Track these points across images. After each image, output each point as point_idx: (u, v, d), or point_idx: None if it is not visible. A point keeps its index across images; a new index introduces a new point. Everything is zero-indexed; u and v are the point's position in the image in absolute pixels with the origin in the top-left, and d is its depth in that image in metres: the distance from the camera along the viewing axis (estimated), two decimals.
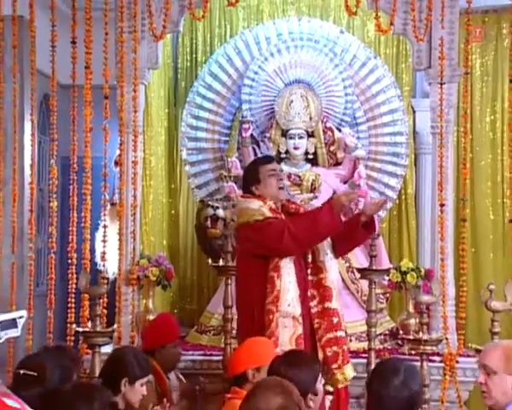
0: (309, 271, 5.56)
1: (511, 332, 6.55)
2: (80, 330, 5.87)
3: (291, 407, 3.03)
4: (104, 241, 6.73)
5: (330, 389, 5.42)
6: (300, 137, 7.51)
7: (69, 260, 6.70)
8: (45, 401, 2.42)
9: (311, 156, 7.56)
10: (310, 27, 7.89)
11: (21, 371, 3.80)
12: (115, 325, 6.29)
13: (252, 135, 7.66)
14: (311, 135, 7.56)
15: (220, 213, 7.30)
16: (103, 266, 6.71)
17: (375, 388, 3.64)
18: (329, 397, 5.40)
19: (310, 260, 5.57)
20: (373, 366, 5.48)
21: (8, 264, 6.73)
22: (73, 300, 6.62)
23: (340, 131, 7.65)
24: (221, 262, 6.12)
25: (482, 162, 8.09)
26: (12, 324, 3.55)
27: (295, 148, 7.49)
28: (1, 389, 2.05)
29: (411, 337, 5.71)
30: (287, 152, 7.51)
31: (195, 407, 5.73)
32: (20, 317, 3.66)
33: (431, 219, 7.03)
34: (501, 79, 8.09)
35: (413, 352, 6.04)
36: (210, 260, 6.71)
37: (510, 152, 6.84)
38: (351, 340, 6.81)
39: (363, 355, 6.15)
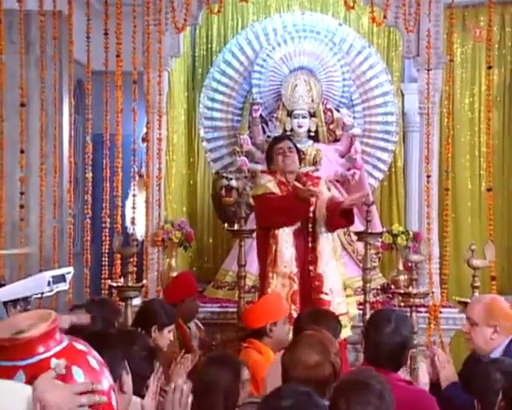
0: (310, 238, 5.63)
1: (486, 286, 6.60)
2: (114, 284, 5.95)
3: (325, 365, 3.10)
4: (133, 208, 6.78)
5: None
6: (304, 117, 7.52)
7: (102, 225, 6.76)
8: (91, 342, 2.46)
9: (312, 134, 7.56)
10: (312, 20, 7.89)
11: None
12: (144, 281, 6.37)
13: (261, 115, 7.68)
14: (313, 115, 7.57)
15: (233, 183, 7.33)
16: (133, 229, 6.77)
17: (371, 336, 3.66)
18: None
19: (310, 228, 5.64)
20: (368, 316, 5.56)
21: (50, 228, 6.77)
22: (106, 259, 6.69)
23: (338, 111, 7.66)
24: (236, 226, 6.17)
25: (462, 139, 8.11)
26: (61, 278, 3.63)
27: (299, 126, 7.51)
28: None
29: (402, 291, 5.78)
30: (292, 130, 7.51)
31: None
32: (68, 273, 3.75)
33: (418, 188, 7.09)
34: (478, 65, 8.09)
35: (402, 304, 6.09)
36: (226, 225, 6.75)
37: (487, 130, 6.88)
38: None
39: (359, 307, 6.21)
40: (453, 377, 3.72)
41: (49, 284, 3.29)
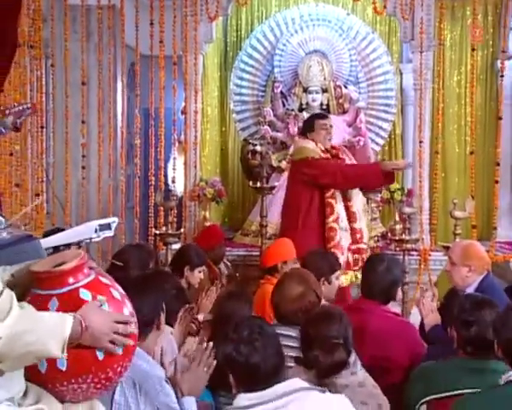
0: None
1: (468, 233, 6.50)
2: (158, 232, 5.93)
3: (308, 293, 3.09)
4: (174, 169, 6.73)
5: None
6: (317, 93, 7.42)
7: (149, 183, 6.75)
8: (128, 281, 2.41)
9: (324, 107, 7.46)
10: (324, 10, 7.74)
11: (113, 261, 3.84)
12: (182, 229, 6.35)
13: (281, 91, 7.60)
14: (324, 91, 7.46)
15: (258, 148, 7.22)
16: (173, 187, 6.75)
17: (366, 274, 3.65)
18: None
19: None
20: None
21: (106, 185, 6.77)
22: (152, 211, 6.67)
23: (346, 87, 7.56)
24: (258, 184, 6.10)
25: (450, 110, 7.95)
26: (107, 226, 3.55)
27: (313, 100, 7.41)
28: (97, 269, 2.06)
29: (397, 238, 5.69)
30: (307, 104, 7.43)
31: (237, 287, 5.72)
32: (113, 222, 3.67)
33: (412, 151, 6.98)
34: (465, 48, 7.90)
35: (398, 248, 6.01)
36: (251, 183, 6.68)
37: (471, 103, 6.73)
38: None
39: None
40: (435, 322, 3.64)
41: (95, 231, 3.22)
